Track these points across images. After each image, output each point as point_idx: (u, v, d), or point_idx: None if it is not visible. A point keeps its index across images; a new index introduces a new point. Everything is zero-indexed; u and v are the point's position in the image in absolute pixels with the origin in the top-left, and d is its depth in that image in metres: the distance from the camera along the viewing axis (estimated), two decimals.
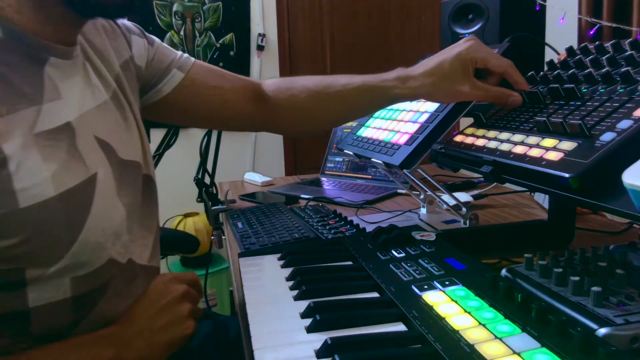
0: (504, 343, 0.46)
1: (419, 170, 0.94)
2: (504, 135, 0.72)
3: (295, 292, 0.63)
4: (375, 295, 0.62)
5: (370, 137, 1.02)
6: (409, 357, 0.48)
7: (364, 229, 0.95)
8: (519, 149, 0.66)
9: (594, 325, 0.49)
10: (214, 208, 1.30)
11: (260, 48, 2.80)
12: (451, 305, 0.54)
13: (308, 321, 0.54)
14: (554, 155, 0.60)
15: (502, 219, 1.12)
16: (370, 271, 0.67)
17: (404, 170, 0.88)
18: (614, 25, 1.62)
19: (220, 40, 2.75)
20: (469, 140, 0.78)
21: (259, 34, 2.79)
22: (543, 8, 1.18)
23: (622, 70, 0.65)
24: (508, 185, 0.97)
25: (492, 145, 0.72)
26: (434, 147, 0.85)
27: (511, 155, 0.66)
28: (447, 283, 0.59)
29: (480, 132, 0.78)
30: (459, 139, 0.81)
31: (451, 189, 1.27)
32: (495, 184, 1.30)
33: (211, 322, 0.91)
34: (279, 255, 0.78)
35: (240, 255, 0.81)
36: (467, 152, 0.76)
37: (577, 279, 0.56)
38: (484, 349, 0.45)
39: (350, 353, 0.48)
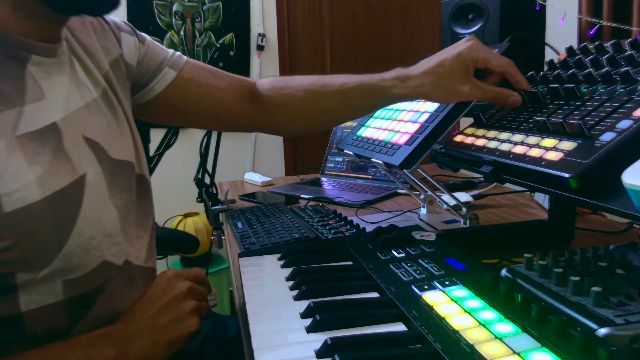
0: (504, 343, 0.46)
1: (419, 170, 0.94)
2: (504, 135, 0.72)
3: (295, 292, 0.63)
4: (375, 295, 0.62)
5: (370, 137, 1.02)
6: (409, 357, 0.48)
7: (364, 229, 0.95)
8: (519, 149, 0.66)
9: (594, 325, 0.49)
10: (214, 208, 1.30)
11: (260, 48, 2.80)
12: (451, 305, 0.54)
13: (308, 321, 0.54)
14: (553, 155, 0.60)
15: (502, 219, 1.12)
16: (370, 271, 0.67)
17: (404, 170, 0.88)
18: (614, 25, 1.62)
19: (220, 40, 2.75)
20: (469, 140, 0.78)
21: (259, 34, 2.79)
22: (543, 8, 1.18)
23: (622, 70, 0.65)
24: (508, 185, 0.97)
25: (492, 145, 0.72)
26: (434, 147, 0.85)
27: (511, 155, 0.66)
28: (447, 283, 0.59)
29: (480, 132, 0.78)
30: (459, 139, 0.81)
31: (451, 189, 1.27)
32: (495, 184, 1.30)
33: (210, 322, 0.91)
34: (279, 255, 0.78)
35: (240, 255, 0.81)
36: (467, 152, 0.76)
37: (577, 279, 0.56)
38: (484, 349, 0.45)
39: (350, 353, 0.48)
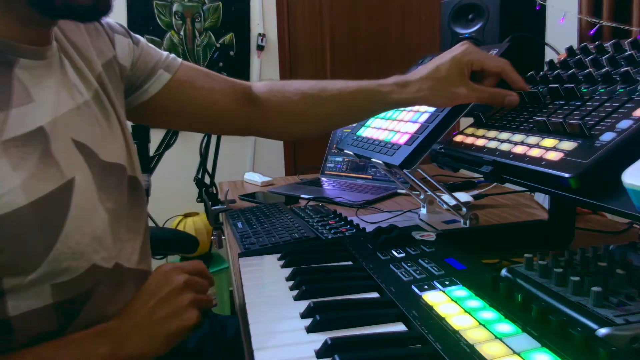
0: (504, 343, 0.46)
1: (419, 170, 0.94)
2: (504, 135, 0.72)
3: (295, 292, 0.63)
4: (375, 295, 0.62)
5: (370, 137, 1.02)
6: (409, 357, 0.48)
7: (364, 229, 0.95)
8: (519, 149, 0.66)
9: (594, 325, 0.49)
10: (214, 208, 1.30)
11: (260, 48, 2.80)
12: (451, 305, 0.54)
13: (308, 321, 0.54)
14: (553, 155, 0.60)
15: (502, 219, 1.12)
16: (370, 271, 0.67)
17: (404, 170, 0.88)
18: (614, 25, 1.63)
19: (220, 40, 2.74)
20: (469, 140, 0.78)
21: (259, 34, 2.79)
22: (543, 8, 1.18)
23: (622, 70, 0.65)
24: (508, 185, 0.97)
25: (492, 145, 0.72)
26: (434, 147, 0.85)
27: (511, 155, 0.66)
28: (447, 283, 0.59)
29: (480, 132, 0.78)
30: (459, 139, 0.81)
31: (451, 189, 1.27)
32: (495, 184, 1.30)
33: (209, 322, 0.91)
34: (279, 255, 0.78)
35: (240, 255, 0.81)
36: (467, 152, 0.76)
37: (577, 279, 0.56)
38: (484, 349, 0.45)
39: (350, 353, 0.47)
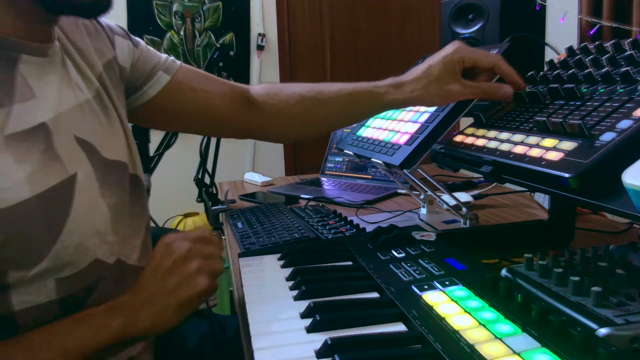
0: (504, 343, 0.46)
1: (419, 170, 0.94)
2: (504, 135, 0.72)
3: (295, 292, 0.63)
4: (375, 295, 0.62)
5: (370, 137, 1.02)
6: (409, 357, 0.48)
7: (364, 229, 0.95)
8: (519, 149, 0.66)
9: (594, 325, 0.49)
10: (214, 208, 1.30)
11: (260, 48, 2.80)
12: (451, 306, 0.54)
13: (308, 321, 0.54)
14: (554, 155, 0.60)
15: (502, 219, 1.12)
16: (370, 271, 0.67)
17: (404, 170, 0.88)
18: (614, 25, 1.63)
19: (220, 40, 2.75)
20: (469, 140, 0.78)
21: (259, 34, 2.79)
22: (543, 8, 1.18)
23: (622, 70, 0.65)
24: (508, 185, 0.97)
25: (492, 145, 0.72)
26: (434, 147, 0.85)
27: (511, 155, 0.66)
28: (447, 283, 0.59)
29: (480, 132, 0.78)
30: (459, 139, 0.81)
31: (451, 189, 1.27)
32: (495, 184, 1.30)
33: (208, 322, 0.91)
34: (279, 255, 0.78)
35: (240, 255, 0.81)
36: (467, 152, 0.76)
37: (577, 279, 0.56)
38: (484, 349, 0.45)
39: (350, 353, 0.47)
